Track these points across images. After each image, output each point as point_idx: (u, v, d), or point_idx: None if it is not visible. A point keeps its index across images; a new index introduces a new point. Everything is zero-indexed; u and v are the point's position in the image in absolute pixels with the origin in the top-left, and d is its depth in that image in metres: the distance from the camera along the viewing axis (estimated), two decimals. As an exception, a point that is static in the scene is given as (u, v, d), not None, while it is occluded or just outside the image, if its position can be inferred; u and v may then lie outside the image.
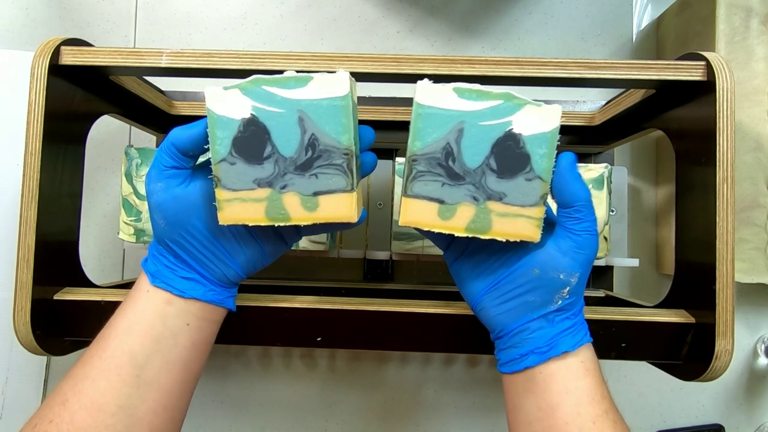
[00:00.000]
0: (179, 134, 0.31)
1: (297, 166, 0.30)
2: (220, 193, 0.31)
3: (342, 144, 0.30)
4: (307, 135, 0.30)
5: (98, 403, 0.29)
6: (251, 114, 0.30)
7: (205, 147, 0.31)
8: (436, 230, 0.30)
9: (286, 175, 0.30)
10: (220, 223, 0.31)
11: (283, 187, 0.30)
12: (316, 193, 0.30)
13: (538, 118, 0.29)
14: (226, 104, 0.30)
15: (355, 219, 0.31)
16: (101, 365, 0.30)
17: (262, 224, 0.31)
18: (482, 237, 0.30)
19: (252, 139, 0.30)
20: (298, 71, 0.36)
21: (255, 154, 0.30)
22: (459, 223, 0.30)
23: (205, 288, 0.32)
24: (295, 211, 0.31)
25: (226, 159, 0.30)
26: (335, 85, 0.29)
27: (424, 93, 0.29)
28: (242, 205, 0.31)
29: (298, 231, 0.35)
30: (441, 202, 0.30)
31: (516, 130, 0.29)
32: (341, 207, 0.31)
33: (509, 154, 0.29)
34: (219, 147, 0.30)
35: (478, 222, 0.30)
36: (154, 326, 0.31)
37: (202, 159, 0.33)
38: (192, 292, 0.32)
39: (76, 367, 0.31)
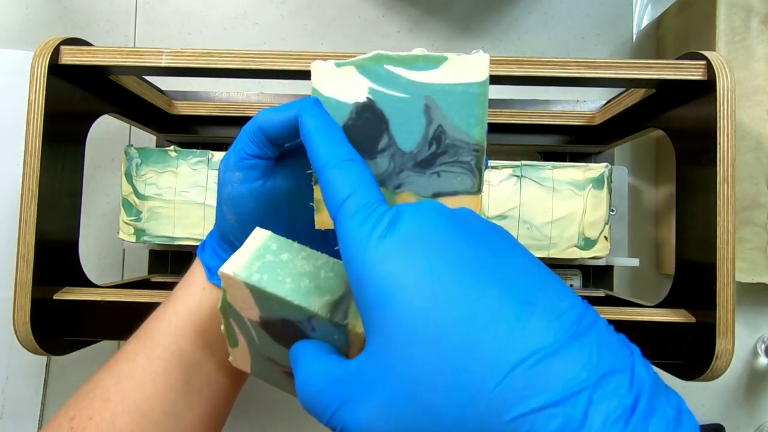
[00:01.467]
0: (270, 117, 0.26)
1: (417, 162, 0.25)
2: (320, 192, 0.25)
3: (473, 138, 0.25)
4: (432, 126, 0.24)
5: (143, 408, 0.27)
6: (367, 98, 0.24)
7: None
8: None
9: (403, 172, 0.25)
10: (317, 227, 0.26)
11: (398, 187, 0.25)
12: (436, 194, 0.26)
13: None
14: (337, 84, 0.24)
15: None
16: (149, 367, 0.28)
17: None
18: None
19: (366, 129, 0.25)
20: (298, 71, 0.36)
21: (368, 147, 0.25)
22: None
23: None
24: None
25: None
26: (473, 69, 0.24)
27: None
28: None
29: None
30: None
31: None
32: None
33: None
34: None
35: None
36: (209, 328, 0.29)
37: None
38: None
39: (119, 360, 0.28)
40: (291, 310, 0.23)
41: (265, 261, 0.24)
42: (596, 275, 0.55)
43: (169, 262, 0.55)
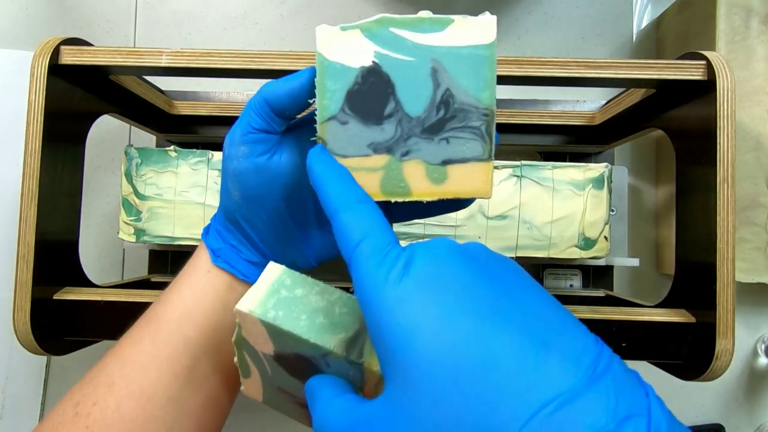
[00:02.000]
0: (276, 88, 0.26)
1: (425, 128, 0.24)
2: None
3: (482, 103, 0.24)
4: (440, 90, 0.24)
5: (147, 393, 0.27)
6: (373, 61, 0.24)
7: (310, 101, 0.25)
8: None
9: (410, 138, 0.25)
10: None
11: (405, 154, 0.25)
12: (445, 162, 0.25)
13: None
14: (342, 48, 0.24)
15: (490, 195, 0.25)
16: (154, 351, 0.27)
17: (375, 200, 0.24)
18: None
19: (371, 93, 0.24)
20: (297, 71, 0.36)
21: (374, 112, 0.24)
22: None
23: None
24: (418, 183, 0.25)
25: (337, 117, 0.24)
26: (480, 31, 0.23)
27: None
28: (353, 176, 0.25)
29: (390, 215, 0.29)
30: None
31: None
32: (476, 179, 0.25)
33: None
34: (329, 101, 0.24)
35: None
36: (214, 314, 0.28)
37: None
38: (257, 277, 0.28)
39: (124, 344, 0.28)
40: (306, 347, 0.23)
41: (280, 297, 0.24)
42: (596, 275, 0.55)
43: (169, 262, 0.55)
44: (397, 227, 0.45)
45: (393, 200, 0.25)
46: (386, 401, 0.18)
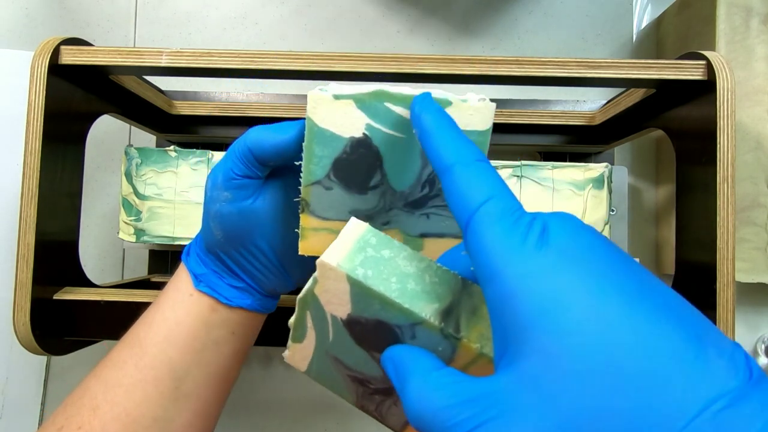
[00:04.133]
0: (261, 138, 0.25)
1: (408, 202, 0.24)
2: (307, 220, 0.25)
3: None
4: (427, 170, 0.24)
5: (133, 414, 0.27)
6: (364, 133, 0.23)
7: (296, 163, 0.25)
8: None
9: (392, 210, 0.25)
10: (300, 253, 0.26)
11: (386, 223, 0.25)
12: (423, 235, 0.25)
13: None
14: (333, 116, 0.23)
15: None
16: (137, 375, 0.27)
17: None
18: None
19: (358, 164, 0.24)
20: (298, 71, 0.36)
21: (359, 182, 0.24)
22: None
23: (253, 298, 0.29)
24: None
25: (322, 182, 0.24)
26: (476, 117, 0.23)
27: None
28: (331, 237, 0.24)
29: None
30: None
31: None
32: None
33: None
34: (315, 167, 0.24)
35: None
36: (197, 336, 0.28)
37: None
38: (239, 301, 0.29)
39: (107, 367, 0.28)
40: (395, 313, 0.21)
41: (367, 255, 0.22)
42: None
43: (169, 262, 0.55)
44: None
45: None
46: (517, 379, 0.16)
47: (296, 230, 0.26)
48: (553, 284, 0.16)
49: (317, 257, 0.23)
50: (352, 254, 0.22)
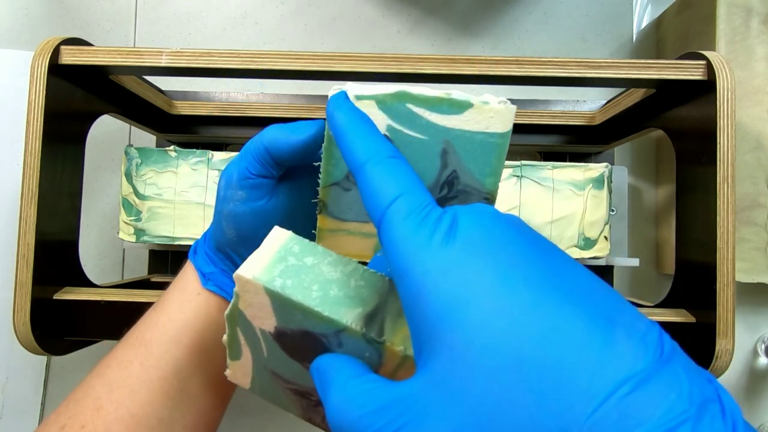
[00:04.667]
0: (278, 138, 0.25)
1: None
2: (324, 221, 0.25)
3: (486, 187, 0.24)
4: (447, 170, 0.23)
5: (137, 415, 0.26)
6: (385, 134, 0.23)
7: (315, 164, 0.25)
8: None
9: None
10: None
11: None
12: None
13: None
14: None
15: None
16: (143, 375, 0.27)
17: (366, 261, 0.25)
18: None
19: None
20: (298, 71, 0.36)
21: None
22: None
23: None
24: None
25: (340, 183, 0.24)
26: (497, 119, 0.23)
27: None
28: (348, 239, 0.25)
29: None
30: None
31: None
32: None
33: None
34: (334, 168, 0.24)
35: None
36: (204, 336, 0.28)
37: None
38: None
39: (111, 367, 0.28)
40: (317, 322, 0.21)
41: (288, 264, 0.21)
42: (597, 275, 0.55)
43: (169, 262, 0.55)
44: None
45: None
46: (428, 380, 0.16)
47: (313, 231, 0.26)
48: (459, 279, 0.16)
49: None
50: (271, 265, 0.21)
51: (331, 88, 0.23)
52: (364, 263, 0.23)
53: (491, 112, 0.23)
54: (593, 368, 0.14)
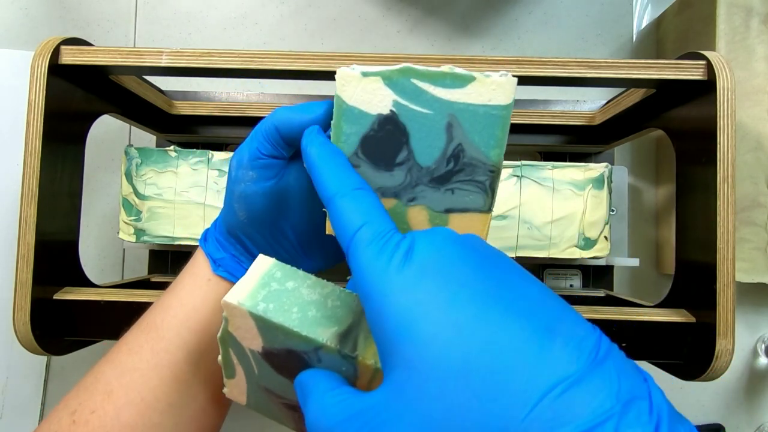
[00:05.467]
0: (288, 117, 0.26)
1: (433, 177, 0.25)
2: None
3: (490, 160, 0.25)
4: (452, 144, 0.24)
5: (147, 399, 0.27)
6: (391, 110, 0.24)
7: None
8: None
9: (418, 186, 0.25)
10: (327, 233, 0.26)
11: (411, 200, 0.26)
12: (448, 210, 0.26)
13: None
14: (361, 93, 0.24)
15: None
16: (154, 360, 0.27)
17: None
18: None
19: (386, 141, 0.24)
20: (298, 71, 0.36)
21: (386, 159, 0.25)
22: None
23: None
24: (420, 227, 0.26)
25: (350, 159, 0.25)
26: (499, 92, 0.24)
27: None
28: None
29: None
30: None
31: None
32: (474, 228, 0.26)
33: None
34: (343, 144, 0.24)
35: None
36: (214, 322, 0.28)
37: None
38: None
39: (121, 352, 0.28)
40: (297, 341, 0.23)
41: (270, 290, 0.23)
42: (596, 275, 0.55)
43: (169, 262, 0.55)
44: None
45: None
46: (388, 390, 0.18)
47: (321, 210, 0.26)
48: (412, 298, 0.18)
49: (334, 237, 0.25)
50: (254, 290, 0.23)
51: (339, 69, 0.24)
52: (342, 285, 0.25)
53: (493, 84, 0.24)
54: (529, 372, 0.16)
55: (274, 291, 0.23)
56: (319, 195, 0.22)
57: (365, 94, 0.24)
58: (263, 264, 0.25)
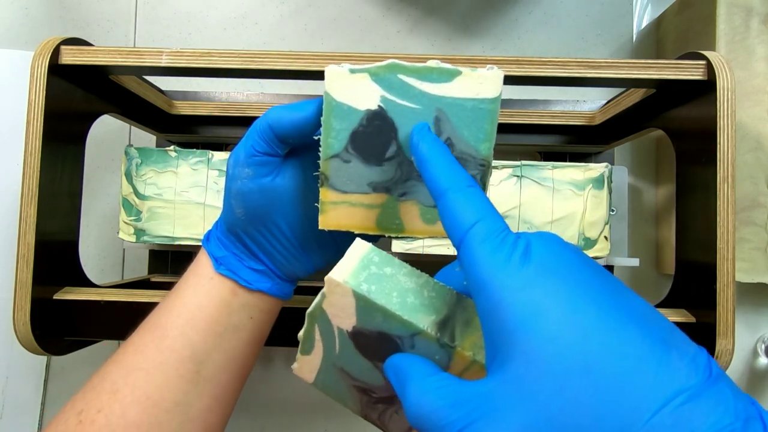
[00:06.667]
0: (281, 116, 0.27)
1: None
2: (326, 194, 0.26)
3: (480, 153, 0.25)
4: (442, 138, 0.25)
5: (153, 398, 0.27)
6: (379, 105, 0.25)
7: (315, 137, 0.27)
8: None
9: (409, 181, 0.26)
10: (320, 227, 0.27)
11: (402, 195, 0.26)
12: None
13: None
14: (349, 89, 0.25)
15: None
16: (159, 358, 0.28)
17: (370, 233, 0.27)
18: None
19: (375, 136, 0.25)
20: (297, 71, 0.36)
21: (376, 154, 0.25)
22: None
23: (272, 282, 0.30)
24: (412, 222, 0.27)
25: (340, 155, 0.25)
26: (486, 85, 0.24)
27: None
28: (350, 210, 0.26)
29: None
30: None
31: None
32: None
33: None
34: (333, 140, 0.25)
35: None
36: (218, 320, 0.29)
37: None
38: (259, 285, 0.30)
39: (127, 353, 0.28)
40: (396, 325, 0.23)
41: (370, 272, 0.24)
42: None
43: (169, 262, 0.55)
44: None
45: (387, 235, 0.27)
46: (503, 380, 0.18)
47: (316, 204, 0.27)
48: (535, 295, 0.18)
49: (334, 232, 0.26)
50: (357, 271, 0.23)
51: (327, 66, 0.25)
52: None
53: (480, 78, 0.24)
54: (652, 379, 0.16)
55: (374, 274, 0.24)
56: (429, 189, 0.23)
57: (353, 90, 0.25)
58: (362, 247, 0.25)
